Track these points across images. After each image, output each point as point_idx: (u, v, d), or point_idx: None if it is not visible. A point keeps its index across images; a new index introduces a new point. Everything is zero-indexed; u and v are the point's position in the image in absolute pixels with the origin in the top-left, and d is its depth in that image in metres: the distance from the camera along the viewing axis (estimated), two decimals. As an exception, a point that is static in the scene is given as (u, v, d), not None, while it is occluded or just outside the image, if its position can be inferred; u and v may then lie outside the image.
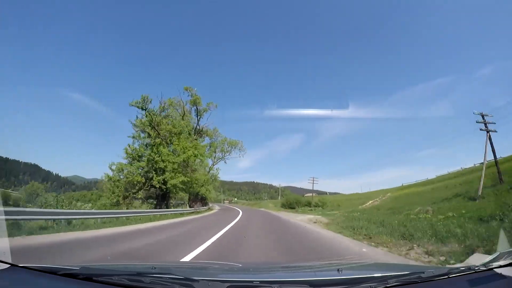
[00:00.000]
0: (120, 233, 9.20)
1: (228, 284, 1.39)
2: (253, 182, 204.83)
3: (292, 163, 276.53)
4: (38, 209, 10.12)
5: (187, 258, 5.13)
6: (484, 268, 1.55)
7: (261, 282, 1.47)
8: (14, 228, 7.56)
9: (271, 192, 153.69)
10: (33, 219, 8.73)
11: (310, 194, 68.24)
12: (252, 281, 1.49)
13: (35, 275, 1.51)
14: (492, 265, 1.55)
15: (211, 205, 65.79)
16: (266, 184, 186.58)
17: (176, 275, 1.51)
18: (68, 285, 1.47)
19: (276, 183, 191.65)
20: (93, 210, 15.23)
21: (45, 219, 9.26)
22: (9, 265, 1.52)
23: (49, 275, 1.51)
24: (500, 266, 1.53)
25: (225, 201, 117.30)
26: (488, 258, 1.69)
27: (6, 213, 7.47)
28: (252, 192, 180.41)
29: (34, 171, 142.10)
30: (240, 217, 19.48)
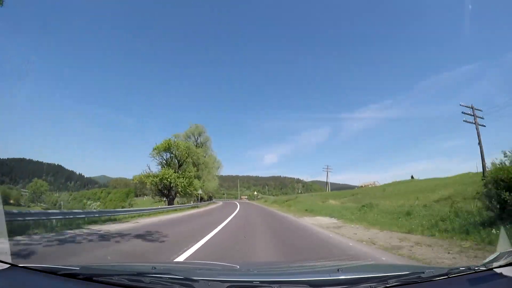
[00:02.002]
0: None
1: (228, 284, 1.39)
2: (280, 176, 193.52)
3: (318, 158, 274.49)
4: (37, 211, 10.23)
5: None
6: (484, 268, 1.55)
7: (261, 282, 1.47)
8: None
9: (298, 186, 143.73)
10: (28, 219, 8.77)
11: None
12: (252, 281, 1.50)
13: (35, 275, 1.51)
14: (492, 265, 1.55)
15: (205, 202, 49.77)
16: (293, 178, 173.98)
17: (176, 275, 1.51)
18: (68, 285, 1.47)
19: (304, 177, 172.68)
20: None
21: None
22: (9, 265, 1.52)
23: (49, 275, 1.51)
24: (500, 266, 1.53)
25: (243, 197, 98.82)
26: (488, 258, 1.68)
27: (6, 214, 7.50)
28: (278, 187, 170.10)
29: (57, 171, 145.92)
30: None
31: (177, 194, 32.20)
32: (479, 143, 21.29)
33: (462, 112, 22.28)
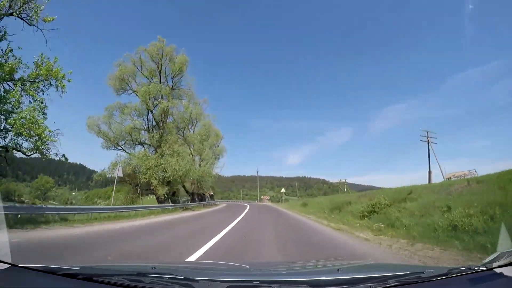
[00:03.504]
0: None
1: (228, 284, 1.39)
2: (304, 177, 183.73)
3: (342, 158, 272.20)
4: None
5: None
6: (484, 268, 1.55)
7: (261, 282, 1.48)
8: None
9: (324, 188, 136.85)
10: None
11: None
12: (252, 281, 1.50)
13: (35, 275, 1.51)
14: (492, 265, 1.55)
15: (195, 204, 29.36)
16: (319, 179, 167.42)
17: (176, 275, 1.52)
18: (68, 285, 1.47)
19: (330, 177, 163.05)
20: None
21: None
22: (9, 265, 1.52)
23: (49, 275, 1.52)
24: (500, 266, 1.53)
25: (265, 198, 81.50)
26: (488, 258, 1.68)
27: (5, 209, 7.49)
28: (303, 188, 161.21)
29: (78, 171, 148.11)
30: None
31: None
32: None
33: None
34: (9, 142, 10.36)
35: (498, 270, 1.51)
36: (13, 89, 10.13)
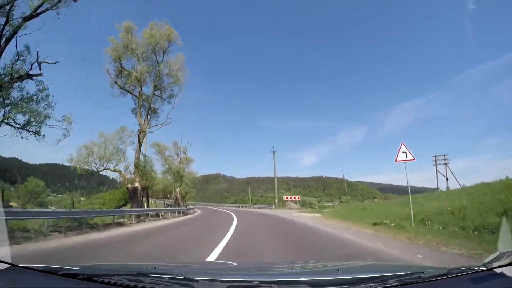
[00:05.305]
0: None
1: (228, 284, 1.39)
2: (322, 176, 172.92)
3: (356, 158, 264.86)
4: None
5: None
6: (484, 268, 1.55)
7: (261, 282, 1.48)
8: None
9: (343, 187, 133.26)
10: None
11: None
12: (252, 281, 1.50)
13: (35, 275, 1.51)
14: (492, 265, 1.55)
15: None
16: (337, 178, 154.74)
17: (176, 275, 1.52)
18: (68, 285, 1.47)
19: (349, 177, 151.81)
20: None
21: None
22: (9, 265, 1.53)
23: (49, 275, 1.52)
24: (500, 266, 1.53)
25: (289, 199, 51.37)
26: (489, 258, 1.68)
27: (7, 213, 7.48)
28: (321, 188, 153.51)
29: (89, 176, 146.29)
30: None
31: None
32: None
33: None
34: None
35: (498, 270, 1.51)
36: None
